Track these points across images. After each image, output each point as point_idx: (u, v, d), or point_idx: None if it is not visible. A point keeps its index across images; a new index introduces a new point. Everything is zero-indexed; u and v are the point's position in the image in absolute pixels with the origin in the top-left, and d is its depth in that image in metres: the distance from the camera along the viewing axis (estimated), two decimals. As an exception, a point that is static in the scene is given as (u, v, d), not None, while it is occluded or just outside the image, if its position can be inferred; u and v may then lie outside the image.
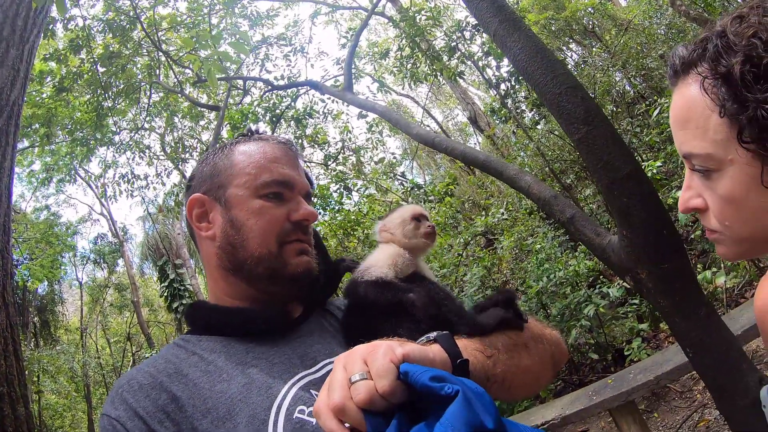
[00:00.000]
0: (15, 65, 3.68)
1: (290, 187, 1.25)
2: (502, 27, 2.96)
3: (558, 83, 2.69)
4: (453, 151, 4.27)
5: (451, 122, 24.49)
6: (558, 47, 12.61)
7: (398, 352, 0.81)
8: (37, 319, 18.23)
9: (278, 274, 1.21)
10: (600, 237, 2.83)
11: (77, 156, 10.65)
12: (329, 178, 15.06)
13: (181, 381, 1.07)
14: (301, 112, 12.91)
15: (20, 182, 16.15)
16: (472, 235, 12.36)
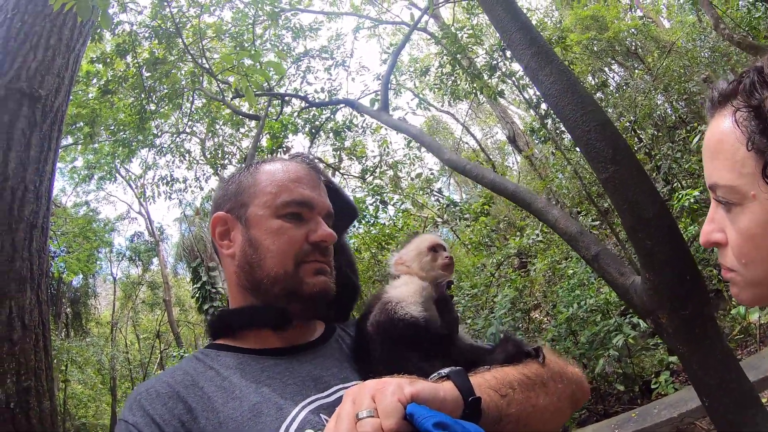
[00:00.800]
0: (60, 73, 3.82)
1: (310, 207, 1.25)
2: (535, 60, 2.91)
3: (588, 120, 2.63)
4: (483, 179, 4.22)
5: (490, 140, 24.31)
6: (599, 68, 12.41)
7: (407, 392, 0.81)
8: (69, 310, 18.72)
9: (295, 294, 1.21)
10: (624, 277, 2.75)
11: (119, 156, 10.98)
12: (366, 191, 15.12)
13: (197, 393, 1.09)
14: (340, 125, 13.02)
15: (62, 177, 16.74)
16: (506, 256, 12.20)
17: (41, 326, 3.45)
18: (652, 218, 2.41)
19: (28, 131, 3.51)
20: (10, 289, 3.20)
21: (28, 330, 3.27)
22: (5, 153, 3.32)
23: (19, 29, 3.61)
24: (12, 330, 3.15)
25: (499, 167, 19.75)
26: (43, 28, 3.69)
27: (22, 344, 3.18)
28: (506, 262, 12.74)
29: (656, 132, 10.17)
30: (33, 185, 3.51)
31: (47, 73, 3.66)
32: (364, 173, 14.56)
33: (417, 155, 15.51)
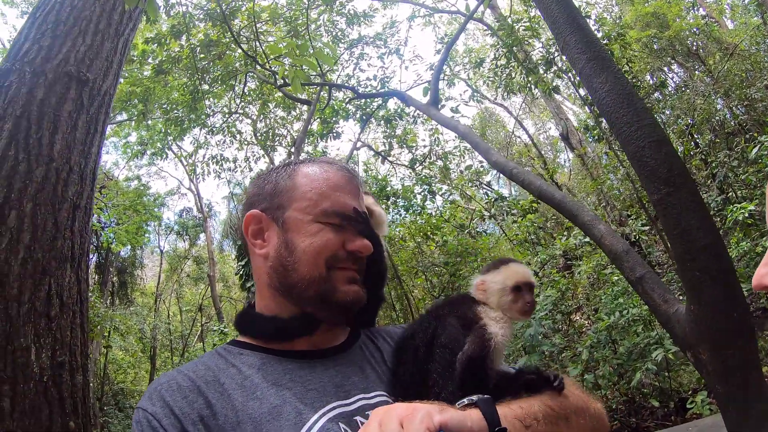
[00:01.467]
0: (109, 57, 3.88)
1: (349, 218, 1.23)
2: (590, 65, 2.75)
3: (642, 135, 2.46)
4: (529, 186, 4.07)
5: (543, 136, 23.67)
6: (659, 67, 11.85)
7: (436, 420, 0.82)
8: (116, 279, 19.45)
9: (327, 299, 1.19)
10: (667, 304, 2.58)
11: (171, 133, 11.27)
12: (414, 180, 15.06)
13: (218, 390, 1.08)
14: (392, 113, 12.94)
15: (116, 151, 17.33)
16: (551, 255, 11.96)
17: (79, 304, 3.54)
18: (704, 248, 2.24)
19: (75, 114, 3.57)
20: (50, 267, 3.27)
21: (66, 307, 3.35)
22: (52, 135, 3.39)
23: (69, 14, 3.67)
24: (50, 306, 3.23)
25: (551, 164, 19.25)
26: (92, 13, 3.75)
27: (59, 320, 3.25)
28: (551, 262, 12.47)
29: (714, 138, 9.71)
30: (78, 167, 3.58)
31: (96, 58, 3.72)
32: (414, 162, 14.47)
33: (467, 147, 15.27)
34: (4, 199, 3.10)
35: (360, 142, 15.77)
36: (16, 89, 3.34)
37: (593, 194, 12.98)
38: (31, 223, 3.18)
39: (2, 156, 3.16)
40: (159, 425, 1.01)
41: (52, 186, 3.35)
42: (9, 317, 2.97)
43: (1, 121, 3.25)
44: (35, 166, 3.27)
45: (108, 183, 12.59)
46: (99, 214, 11.04)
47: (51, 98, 3.42)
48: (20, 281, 3.06)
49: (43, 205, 3.27)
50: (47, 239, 3.26)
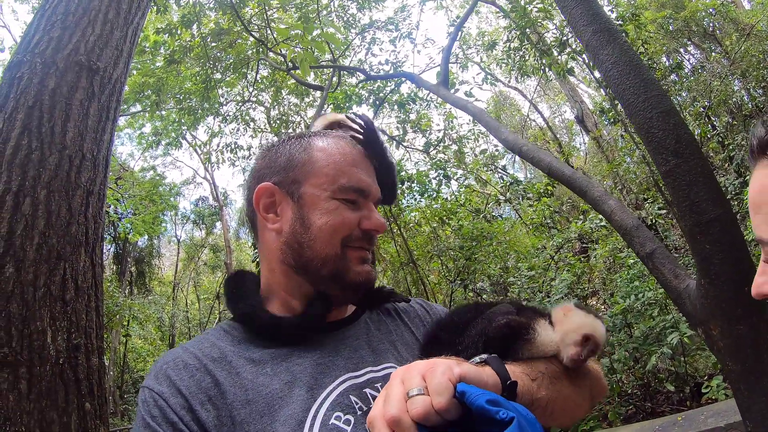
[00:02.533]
0: (119, 46, 3.92)
1: (365, 194, 1.23)
2: (596, 37, 2.70)
3: (650, 106, 2.41)
4: (539, 163, 4.03)
5: (558, 119, 23.37)
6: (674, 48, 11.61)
7: (456, 372, 0.84)
8: (134, 269, 19.74)
9: (340, 278, 1.19)
10: (678, 279, 2.55)
11: (185, 123, 11.34)
12: (429, 165, 15.00)
13: (225, 368, 1.07)
14: (405, 98, 12.88)
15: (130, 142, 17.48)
16: (566, 239, 11.88)
17: (94, 288, 3.61)
18: (714, 221, 2.20)
19: (87, 102, 3.62)
20: (65, 252, 3.34)
21: (81, 291, 3.42)
22: (64, 123, 3.44)
23: (77, 5, 3.72)
24: (65, 290, 3.30)
25: (566, 147, 19.04)
26: (101, 3, 3.79)
27: (74, 304, 3.32)
28: (566, 246, 12.39)
29: (731, 120, 9.52)
30: (90, 153, 3.64)
31: (105, 47, 3.76)
32: (428, 147, 14.40)
33: (482, 131, 15.16)
34: (18, 186, 3.16)
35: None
36: (27, 80, 3.39)
37: (609, 177, 12.82)
38: (45, 209, 3.24)
39: (16, 145, 3.23)
40: (166, 404, 1.00)
41: (66, 173, 3.40)
42: (25, 301, 3.04)
43: (14, 112, 3.31)
44: (48, 153, 3.32)
45: (124, 174, 12.78)
46: (116, 204, 11.24)
47: (62, 87, 3.47)
48: (35, 266, 3.13)
49: (56, 191, 3.33)
50: (61, 225, 3.32)
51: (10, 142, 3.23)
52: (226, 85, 11.69)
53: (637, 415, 6.63)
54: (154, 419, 0.99)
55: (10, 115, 3.30)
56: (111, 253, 17.79)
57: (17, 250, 3.07)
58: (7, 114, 3.31)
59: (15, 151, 3.21)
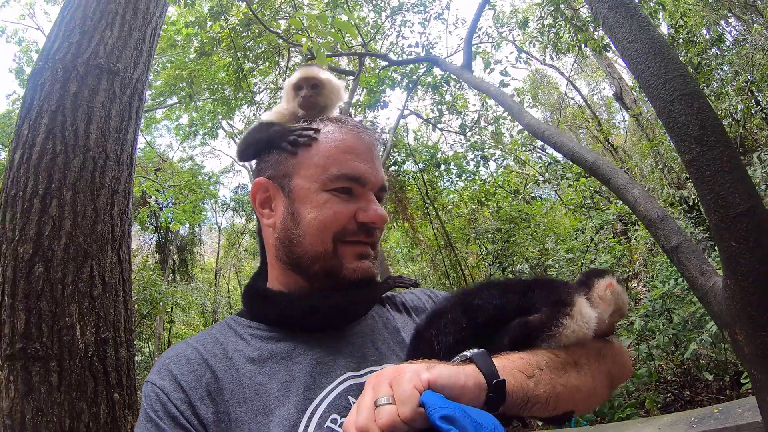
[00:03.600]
0: (138, 46, 3.99)
1: (361, 182, 1.14)
2: (613, 14, 2.54)
3: (671, 88, 2.25)
4: (562, 148, 3.88)
5: (597, 96, 22.57)
6: (715, 21, 10.98)
7: (423, 378, 0.79)
8: (176, 257, 20.28)
9: (334, 275, 1.13)
10: (704, 277, 2.40)
11: (220, 113, 11.50)
12: (466, 147, 14.82)
13: (225, 364, 1.06)
14: (438, 79, 12.69)
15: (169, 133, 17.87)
16: (606, 221, 11.56)
17: (122, 283, 3.75)
18: (741, 216, 2.04)
19: (108, 103, 3.72)
20: (92, 250, 3.46)
21: (108, 287, 3.55)
22: (86, 125, 3.55)
23: (95, 9, 3.82)
24: (93, 287, 3.43)
25: (605, 125, 18.41)
26: (118, 5, 3.86)
27: (102, 299, 3.46)
28: (606, 227, 12.05)
29: (776, 96, 8.96)
30: (114, 153, 3.74)
31: (124, 48, 3.85)
32: (464, 128, 14.18)
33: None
34: (45, 189, 3.30)
35: (408, 110, 15.58)
36: (50, 86, 3.50)
37: (650, 156, 12.34)
38: (71, 210, 3.36)
39: (41, 149, 3.36)
40: (167, 399, 1.01)
41: (90, 174, 3.52)
42: (54, 298, 3.18)
43: (39, 117, 3.44)
44: (72, 156, 3.44)
45: (163, 165, 13.12)
46: (156, 195, 11.59)
47: (83, 91, 3.57)
48: (64, 265, 3.26)
49: (82, 192, 3.45)
50: (88, 224, 3.45)
51: (36, 147, 3.36)
52: (259, 73, 11.76)
53: (675, 403, 6.45)
54: (156, 413, 1.00)
55: (35, 120, 3.44)
56: (153, 242, 18.37)
57: (45, 250, 3.21)
58: (32, 120, 3.44)
59: (40, 156, 3.34)
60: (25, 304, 3.07)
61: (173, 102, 11.52)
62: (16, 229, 3.20)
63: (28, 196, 3.26)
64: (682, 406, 6.18)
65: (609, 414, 6.39)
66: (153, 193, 11.94)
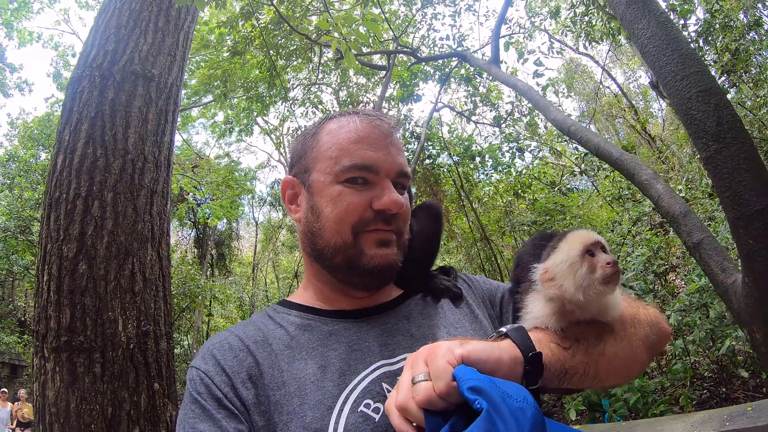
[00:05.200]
0: (171, 52, 4.14)
1: (375, 171, 1.14)
2: (631, 10, 2.54)
3: (689, 84, 2.24)
4: (587, 143, 3.86)
5: (633, 84, 21.93)
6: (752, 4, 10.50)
7: (456, 353, 0.82)
8: (214, 251, 20.67)
9: (355, 265, 1.14)
10: (725, 274, 2.38)
11: (255, 110, 11.69)
12: (501, 138, 14.67)
13: (266, 350, 1.10)
14: (471, 72, 12.59)
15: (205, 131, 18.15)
16: (643, 212, 11.29)
17: (161, 279, 3.92)
18: (759, 213, 2.02)
19: (145, 108, 3.88)
20: (133, 248, 3.64)
21: (149, 282, 3.72)
22: (125, 130, 3.71)
23: (128, 17, 3.97)
24: (134, 283, 3.61)
25: (642, 113, 17.90)
26: (150, 12, 4.00)
27: (143, 294, 3.63)
28: (644, 219, 11.76)
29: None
30: (152, 155, 3.90)
31: (158, 54, 4.00)
32: (498, 120, 14.03)
33: (553, 102, 14.55)
34: (87, 191, 3.47)
35: (441, 103, 15.50)
36: (88, 93, 3.68)
37: (687, 145, 11.97)
38: (112, 210, 3.54)
39: (82, 154, 3.54)
40: (211, 382, 1.04)
41: (129, 176, 3.68)
42: (98, 294, 3.36)
43: (79, 123, 3.62)
44: (112, 159, 3.61)
45: (200, 162, 13.45)
46: (194, 192, 11.92)
47: (121, 97, 3.74)
48: (106, 262, 3.44)
49: (122, 193, 3.62)
50: (128, 223, 3.62)
51: (77, 152, 3.54)
52: (293, 70, 11.88)
53: (710, 400, 6.29)
54: (200, 395, 1.04)
55: (75, 126, 3.62)
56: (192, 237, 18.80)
57: (89, 249, 3.39)
58: (72, 126, 3.62)
59: (82, 160, 3.52)
60: (70, 300, 3.27)
61: (208, 100, 11.76)
62: (60, 230, 3.38)
63: (71, 198, 3.44)
64: (717, 403, 6.02)
65: (643, 410, 6.28)
66: (191, 190, 12.26)
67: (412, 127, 13.94)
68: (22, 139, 16.10)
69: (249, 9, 7.88)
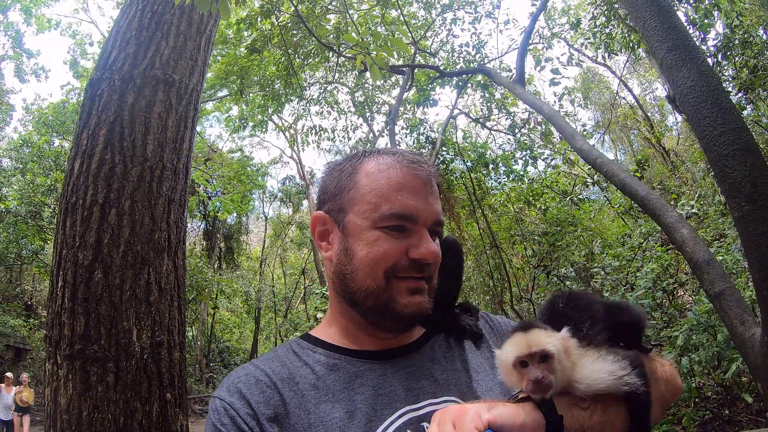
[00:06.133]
0: (193, 56, 4.09)
1: (413, 220, 1.13)
2: (671, 55, 2.47)
3: (726, 141, 2.18)
4: (613, 178, 3.81)
5: (649, 96, 21.71)
6: None
7: (484, 419, 0.85)
8: (223, 245, 20.73)
9: (386, 311, 1.14)
10: (744, 326, 2.36)
11: (271, 106, 11.67)
12: (515, 146, 14.64)
13: (293, 389, 1.09)
14: (489, 79, 12.53)
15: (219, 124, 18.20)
16: (654, 228, 11.24)
17: (176, 288, 3.89)
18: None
19: (165, 114, 3.82)
20: (149, 258, 3.60)
21: (164, 292, 3.69)
22: (144, 136, 3.66)
23: (150, 19, 3.90)
24: (149, 293, 3.57)
25: (657, 126, 17.75)
26: (173, 16, 3.94)
27: (158, 305, 3.60)
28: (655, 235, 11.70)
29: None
30: (171, 163, 3.85)
31: (180, 58, 3.94)
32: (513, 128, 13.99)
33: (567, 112, 14.49)
34: (104, 199, 3.42)
35: (457, 108, 15.43)
36: (108, 97, 3.62)
37: (702, 161, 11.88)
38: (129, 219, 3.49)
39: (100, 159, 3.48)
40: (236, 414, 1.03)
41: (147, 184, 3.62)
42: (113, 304, 3.33)
43: (97, 128, 3.56)
44: (131, 166, 3.56)
45: (213, 155, 13.48)
46: (205, 185, 11.95)
47: (141, 102, 3.67)
48: (122, 272, 3.40)
49: (140, 201, 3.56)
50: (145, 232, 3.57)
51: (95, 157, 3.48)
52: (309, 68, 11.84)
53: (713, 421, 6.30)
54: (224, 426, 1.03)
55: (93, 131, 3.56)
56: (201, 230, 18.86)
57: (105, 257, 3.36)
58: (91, 130, 3.57)
59: (99, 165, 3.47)
60: (84, 308, 3.23)
61: (224, 94, 11.74)
62: (76, 236, 3.34)
63: (87, 204, 3.39)
64: (720, 425, 6.04)
65: (649, 427, 6.29)
66: (202, 183, 12.29)
67: (426, 131, 13.90)
68: (37, 125, 16.23)
69: (269, 7, 7.83)
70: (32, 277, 20.10)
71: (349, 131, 16.23)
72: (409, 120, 14.34)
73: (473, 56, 11.39)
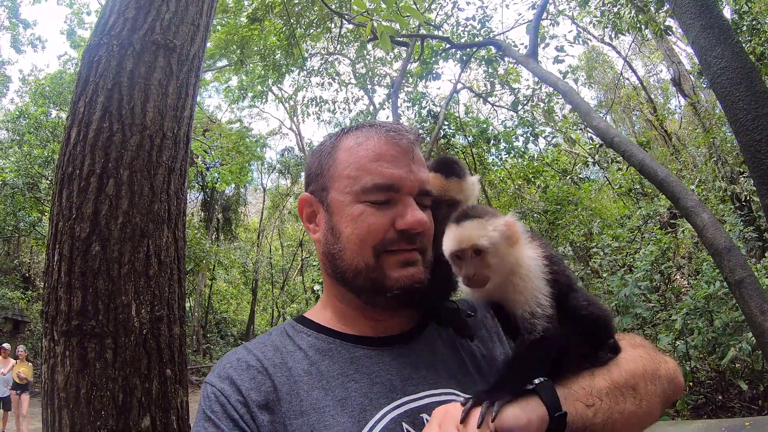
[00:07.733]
0: (195, 21, 3.92)
1: (396, 189, 1.11)
2: (705, 35, 2.35)
3: (759, 126, 2.09)
4: (631, 158, 3.70)
5: (653, 78, 21.44)
6: None
7: (491, 426, 0.87)
8: (220, 216, 20.72)
9: (379, 286, 1.12)
10: (764, 316, 2.30)
11: (271, 77, 11.45)
12: (516, 122, 14.59)
13: (285, 374, 1.08)
14: (493, 54, 12.38)
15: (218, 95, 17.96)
16: (654, 211, 11.26)
17: (176, 261, 3.79)
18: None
19: (165, 81, 3.66)
20: (148, 230, 3.47)
21: (164, 265, 3.58)
22: (143, 104, 3.52)
23: (151, -18, 3.69)
24: (149, 266, 3.46)
25: (660, 108, 17.62)
26: (174, -23, 3.75)
27: (157, 278, 3.49)
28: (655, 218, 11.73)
29: None
30: (171, 132, 3.71)
31: (181, 23, 3.77)
32: (516, 105, 13.89)
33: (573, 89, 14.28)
34: (102, 168, 3.28)
35: (460, 83, 15.20)
36: (105, 63, 3.46)
37: (705, 146, 11.82)
38: (128, 189, 3.36)
39: (98, 128, 3.34)
40: (227, 401, 1.03)
41: (147, 153, 3.48)
42: (111, 277, 3.22)
43: (94, 95, 3.40)
44: (129, 135, 3.41)
45: (211, 126, 13.31)
46: (203, 156, 11.81)
47: (140, 68, 3.51)
48: (120, 244, 3.28)
49: (139, 171, 3.42)
50: (144, 204, 3.45)
51: (92, 125, 3.33)
52: (310, 39, 11.64)
53: (706, 406, 6.39)
54: (215, 414, 1.02)
55: (91, 98, 3.39)
56: (199, 201, 18.74)
57: (102, 229, 3.23)
58: (88, 98, 3.41)
59: (97, 134, 3.32)
60: (81, 283, 3.12)
61: (223, 65, 11.52)
62: (72, 208, 3.22)
63: (84, 174, 3.26)
64: (712, 411, 6.12)
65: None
66: (201, 154, 12.16)
67: (428, 105, 13.75)
68: (34, 96, 16.04)
69: (272, -25, 7.60)
70: (30, 249, 20.07)
71: (350, 103, 16.05)
72: (411, 93, 14.17)
73: (478, 30, 11.18)
